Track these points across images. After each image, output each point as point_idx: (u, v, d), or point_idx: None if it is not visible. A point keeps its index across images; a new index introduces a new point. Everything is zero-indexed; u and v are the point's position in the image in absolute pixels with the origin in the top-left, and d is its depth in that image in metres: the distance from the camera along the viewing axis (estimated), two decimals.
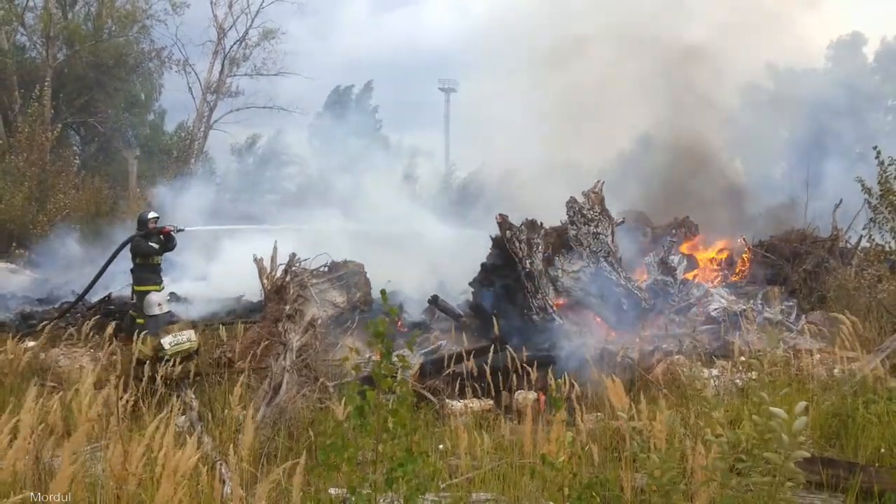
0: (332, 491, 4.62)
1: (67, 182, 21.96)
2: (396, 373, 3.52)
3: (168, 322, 8.70)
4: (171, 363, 7.48)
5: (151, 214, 11.93)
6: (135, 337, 7.80)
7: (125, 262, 11.88)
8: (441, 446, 6.17)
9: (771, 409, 3.15)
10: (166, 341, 8.14)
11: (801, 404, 3.18)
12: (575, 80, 18.90)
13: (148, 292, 11.45)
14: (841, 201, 14.25)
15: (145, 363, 7.38)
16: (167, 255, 11.98)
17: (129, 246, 11.57)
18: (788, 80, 19.82)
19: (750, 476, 3.16)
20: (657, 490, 3.39)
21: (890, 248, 11.44)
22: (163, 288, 11.94)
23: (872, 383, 6.80)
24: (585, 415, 5.65)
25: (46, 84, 24.19)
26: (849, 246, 13.80)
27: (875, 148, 11.13)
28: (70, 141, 28.37)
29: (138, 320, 10.67)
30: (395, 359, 3.51)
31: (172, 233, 11.71)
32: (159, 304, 9.12)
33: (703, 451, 4.10)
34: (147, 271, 11.54)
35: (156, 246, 11.47)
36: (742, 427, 4.00)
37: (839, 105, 19.63)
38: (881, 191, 11.06)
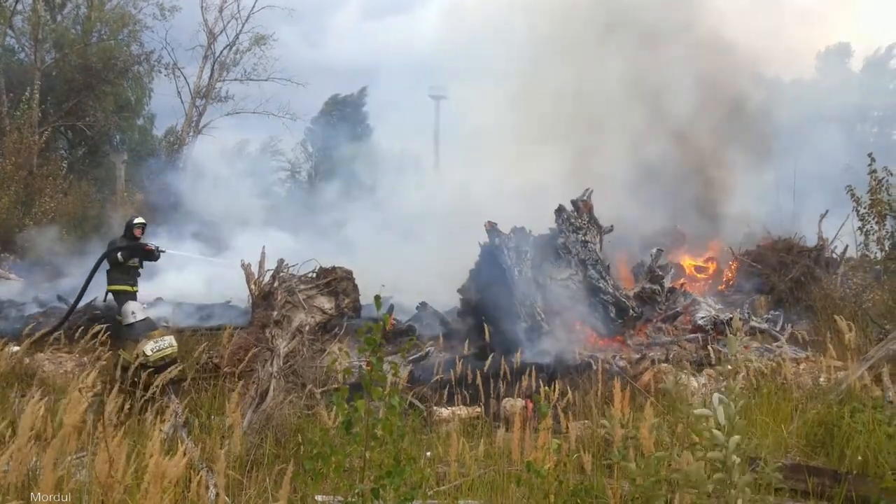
0: (318, 498, 4.60)
1: (55, 186, 21.82)
2: (386, 381, 3.52)
3: (146, 329, 8.62)
4: (154, 370, 7.42)
5: (138, 220, 11.82)
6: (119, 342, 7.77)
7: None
8: (429, 453, 6.16)
9: (695, 411, 3.17)
10: (148, 348, 8.07)
11: (716, 396, 3.20)
12: (564, 88, 18.99)
13: (120, 292, 11.34)
14: (827, 211, 14.36)
15: (128, 370, 7.31)
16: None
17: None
18: (776, 90, 19.98)
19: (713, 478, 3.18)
20: (639, 497, 3.41)
21: (876, 257, 11.54)
22: (136, 290, 11.80)
23: (858, 392, 6.85)
24: (573, 422, 5.67)
25: (37, 87, 24.04)
26: (835, 256, 13.91)
27: (870, 155, 11.20)
28: (58, 144, 28.19)
29: (119, 317, 10.62)
30: (386, 366, 3.51)
31: (154, 251, 11.74)
32: (133, 313, 9.00)
33: (689, 459, 4.12)
34: (120, 272, 11.46)
35: (121, 259, 11.32)
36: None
37: (826, 115, 19.81)
38: (870, 200, 11.14)
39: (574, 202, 12.99)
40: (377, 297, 3.76)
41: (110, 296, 12.01)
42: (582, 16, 19.54)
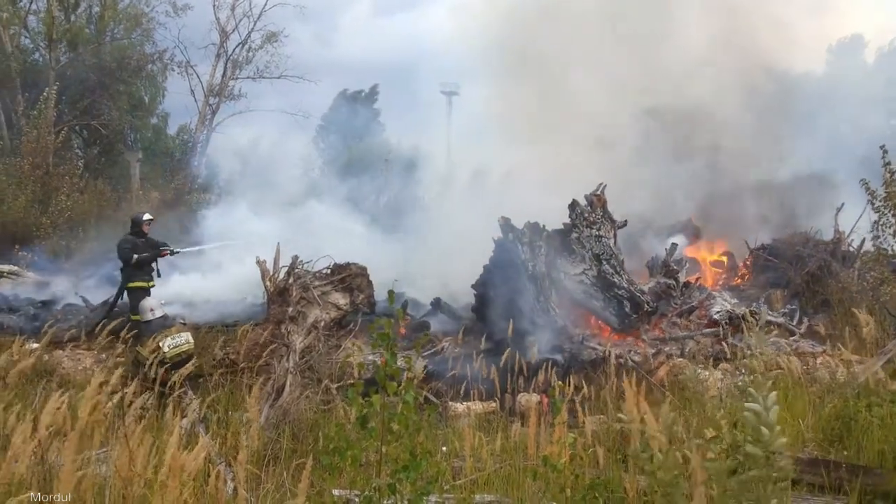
0: (335, 492, 4.64)
1: (71, 185, 21.99)
2: (402, 377, 3.53)
3: (163, 326, 8.72)
4: (171, 366, 7.50)
5: (146, 217, 12.03)
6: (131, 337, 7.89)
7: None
8: (444, 448, 6.19)
9: (746, 404, 3.17)
10: (165, 344, 8.16)
11: (772, 395, 3.19)
12: (574, 83, 18.94)
13: (138, 289, 11.51)
14: (843, 204, 14.24)
15: (145, 366, 7.39)
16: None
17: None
18: (788, 83, 19.80)
19: (743, 475, 3.17)
20: (658, 490, 3.40)
21: (893, 251, 11.43)
22: (153, 284, 11.95)
23: (875, 386, 6.81)
24: (589, 417, 5.67)
25: (55, 88, 24.21)
26: (851, 249, 13.80)
27: (882, 147, 11.05)
28: (72, 143, 28.41)
29: (133, 317, 10.74)
30: (400, 361, 3.52)
31: (168, 255, 11.96)
32: (152, 310, 9.13)
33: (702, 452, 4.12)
34: (136, 268, 11.65)
35: (134, 256, 11.51)
36: (741, 428, 4.02)
37: (840, 108, 19.61)
38: (885, 193, 11.02)
39: (587, 196, 12.96)
40: (391, 292, 3.77)
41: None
42: (593, 9, 19.47)
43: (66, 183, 21.84)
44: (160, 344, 8.15)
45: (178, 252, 12.36)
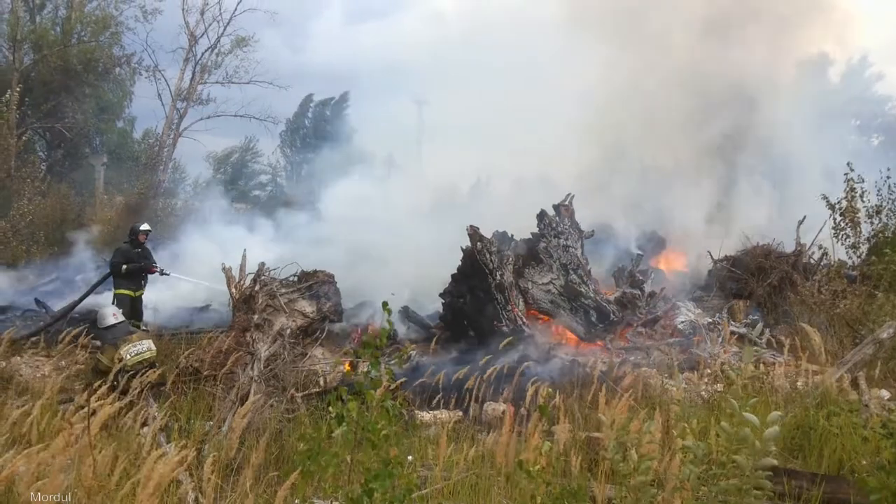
0: (316, 501, 4.61)
1: (33, 189, 21.54)
2: (381, 385, 3.52)
3: (126, 332, 8.56)
4: (132, 374, 7.37)
5: (144, 227, 12.26)
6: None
7: (88, 272, 11.94)
8: (410, 457, 6.16)
9: (744, 414, 3.22)
10: (127, 352, 8.03)
11: (776, 414, 3.26)
12: (546, 94, 19.10)
13: (124, 296, 11.55)
14: (805, 217, 14.51)
15: (104, 373, 7.25)
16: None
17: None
18: (756, 98, 20.18)
19: (719, 483, 3.22)
20: (629, 496, 3.44)
21: (851, 262, 11.70)
22: (140, 293, 12.04)
23: (835, 396, 6.95)
24: (558, 426, 5.70)
25: (17, 89, 23.72)
26: (812, 261, 14.06)
27: (848, 164, 11.35)
28: (35, 146, 27.85)
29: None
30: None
31: (157, 272, 12.00)
32: (114, 315, 8.97)
33: (674, 460, 4.16)
34: (124, 277, 11.69)
35: (124, 266, 11.60)
36: (711, 437, 4.08)
37: (805, 123, 20.02)
38: (843, 208, 11.30)
39: (556, 207, 13.07)
40: (385, 304, 3.72)
41: (90, 299, 12.09)
42: (567, 24, 19.68)
43: (28, 187, 21.37)
44: (121, 351, 8.01)
45: (168, 274, 12.43)
